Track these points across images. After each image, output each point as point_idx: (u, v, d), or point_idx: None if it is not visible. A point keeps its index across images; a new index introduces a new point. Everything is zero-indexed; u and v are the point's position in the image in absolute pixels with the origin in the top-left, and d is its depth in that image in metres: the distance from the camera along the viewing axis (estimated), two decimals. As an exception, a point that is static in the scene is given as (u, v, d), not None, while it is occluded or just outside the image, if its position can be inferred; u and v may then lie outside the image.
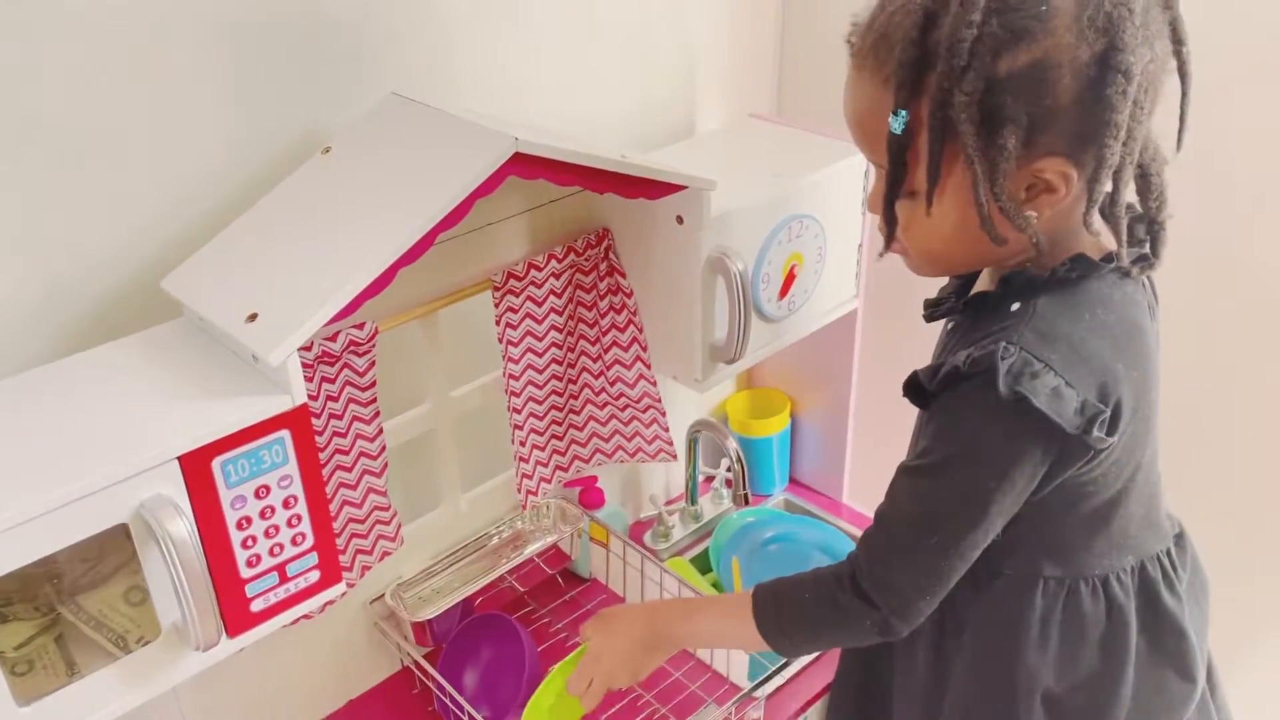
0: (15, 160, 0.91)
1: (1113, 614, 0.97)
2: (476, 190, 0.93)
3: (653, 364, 1.31)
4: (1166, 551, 1.01)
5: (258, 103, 1.04)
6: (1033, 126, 0.79)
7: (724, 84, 1.53)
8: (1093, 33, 0.77)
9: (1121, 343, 0.87)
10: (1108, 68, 0.77)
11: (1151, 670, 0.99)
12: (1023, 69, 0.77)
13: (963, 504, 0.88)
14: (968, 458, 0.88)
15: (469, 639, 1.28)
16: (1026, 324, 0.85)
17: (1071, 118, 0.79)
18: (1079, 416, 0.82)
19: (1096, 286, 0.88)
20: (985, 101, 0.78)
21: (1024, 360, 0.82)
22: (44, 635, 0.90)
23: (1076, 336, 0.85)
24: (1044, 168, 0.81)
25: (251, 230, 0.99)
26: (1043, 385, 0.81)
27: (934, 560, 0.90)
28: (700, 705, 1.23)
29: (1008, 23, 0.76)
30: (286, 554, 0.93)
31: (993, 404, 0.82)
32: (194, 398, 0.87)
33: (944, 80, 0.78)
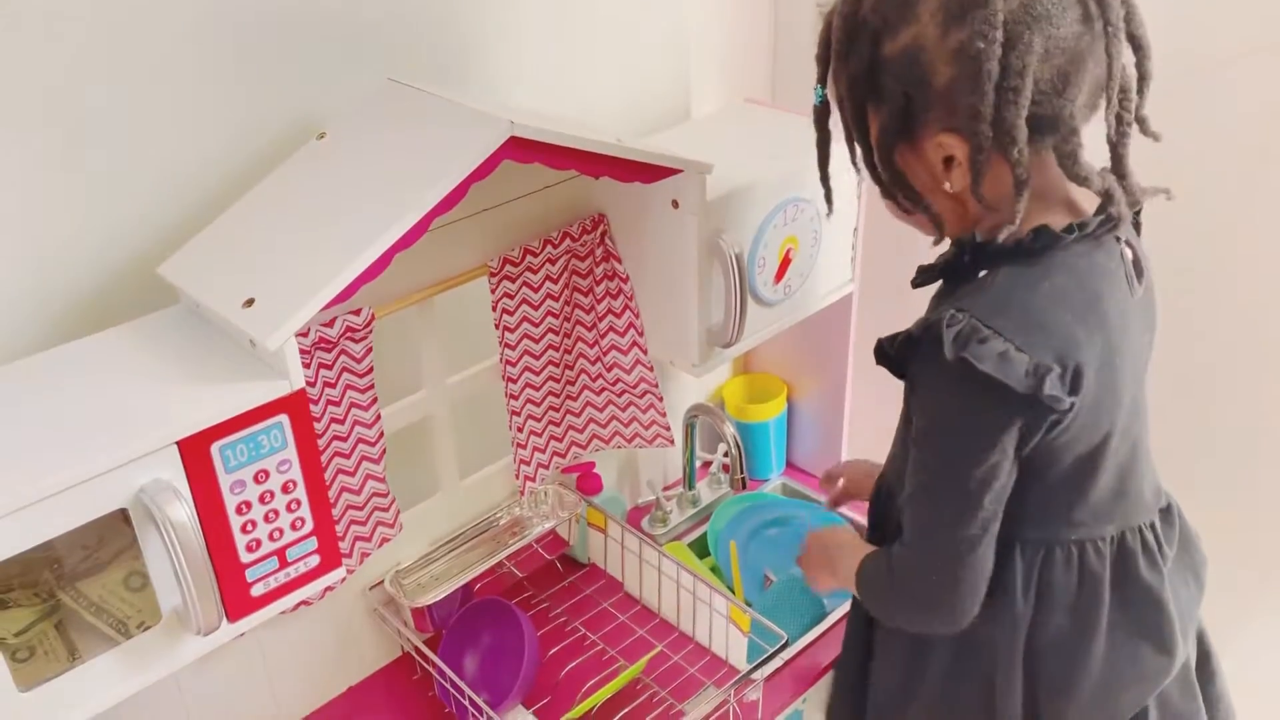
0: (11, 145, 0.91)
1: (1085, 581, 1.00)
2: (472, 174, 0.93)
3: (649, 349, 1.31)
4: (1150, 524, 1.03)
5: (253, 89, 1.04)
6: (915, 105, 0.89)
7: (719, 69, 1.53)
8: (953, 23, 0.85)
9: (1080, 310, 0.91)
10: (965, 55, 0.84)
11: (1125, 640, 1.01)
12: (898, 54, 0.88)
13: (949, 473, 0.93)
14: (939, 428, 0.94)
15: (469, 624, 1.28)
16: (983, 292, 0.91)
17: (946, 99, 0.87)
18: (1029, 378, 0.86)
19: (1061, 256, 0.92)
20: (869, 81, 0.90)
21: (971, 327, 0.87)
22: (44, 622, 0.91)
23: (1034, 304, 0.89)
24: (942, 142, 0.89)
25: (248, 216, 0.99)
26: (989, 350, 0.86)
27: (952, 534, 0.94)
28: (699, 688, 1.24)
29: (882, 13, 0.88)
30: (286, 539, 0.93)
31: (943, 369, 0.88)
32: (192, 383, 0.87)
33: (837, 60, 0.92)
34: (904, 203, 0.96)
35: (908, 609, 1.03)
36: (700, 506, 1.58)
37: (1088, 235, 0.92)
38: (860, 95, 0.92)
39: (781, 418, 1.63)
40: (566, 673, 1.28)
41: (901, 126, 0.90)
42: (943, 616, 0.98)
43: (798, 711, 1.30)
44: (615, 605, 1.39)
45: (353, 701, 1.30)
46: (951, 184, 0.91)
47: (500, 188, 1.17)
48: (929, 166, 0.92)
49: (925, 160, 0.92)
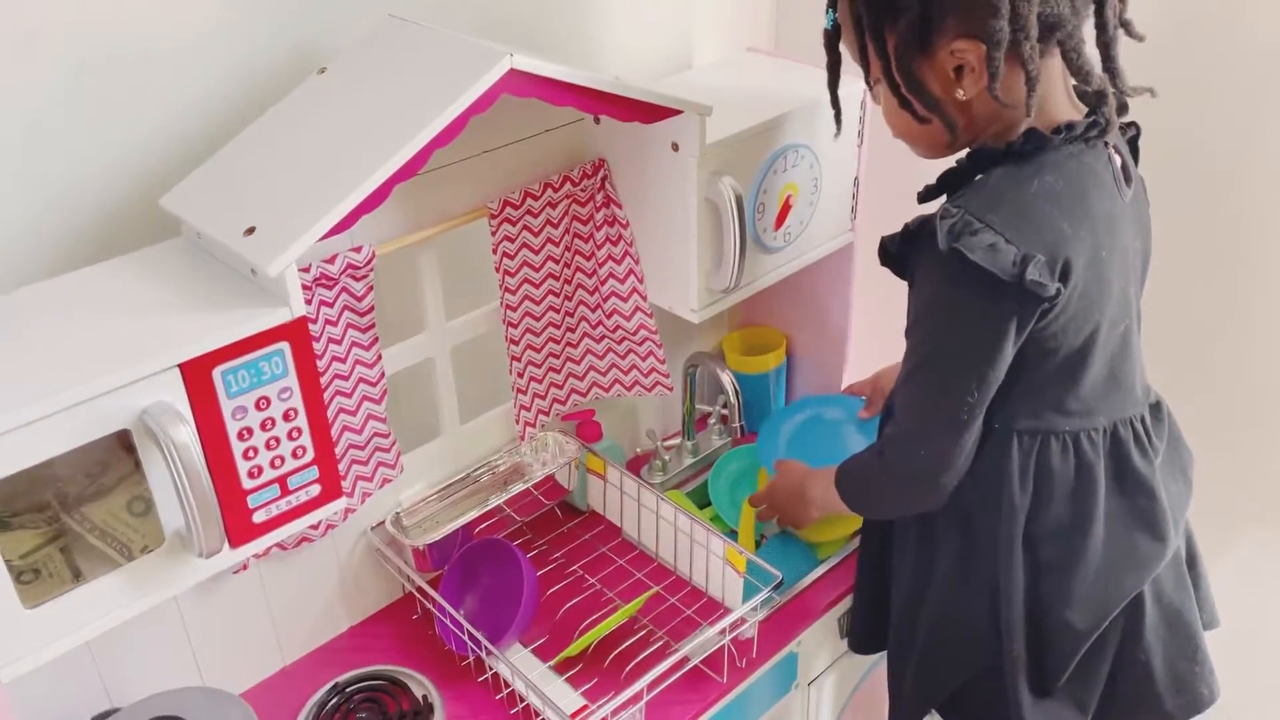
0: (15, 78, 0.92)
1: (1081, 471, 1.05)
2: (471, 107, 0.94)
3: (649, 295, 1.32)
4: (1140, 418, 1.08)
5: (255, 23, 1.04)
6: (929, 14, 0.92)
7: (722, 18, 1.53)
8: None
9: (1068, 206, 0.96)
10: None
11: (1121, 528, 1.06)
12: None
13: (940, 357, 1.00)
14: (931, 314, 1.00)
15: (469, 564, 1.30)
16: (977, 190, 0.96)
17: (962, 3, 0.90)
18: (1015, 267, 0.91)
19: (1051, 157, 0.96)
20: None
21: (964, 221, 0.92)
22: (50, 545, 0.92)
23: (1023, 200, 0.94)
24: (956, 48, 0.92)
25: (249, 148, 1.00)
26: (979, 241, 0.91)
27: (940, 412, 1.00)
28: (696, 628, 1.25)
29: None
30: (288, 466, 0.94)
31: (938, 261, 0.94)
32: (194, 310, 0.89)
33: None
34: (921, 111, 0.98)
35: (892, 486, 1.10)
36: (699, 457, 1.60)
37: (1076, 138, 0.97)
38: (877, 11, 0.95)
39: (781, 369, 1.64)
40: (564, 612, 1.30)
41: (919, 37, 0.94)
42: (925, 490, 1.04)
43: (793, 653, 1.32)
44: (613, 550, 1.41)
45: (354, 639, 1.31)
46: (964, 90, 0.95)
47: (501, 130, 1.18)
48: (941, 76, 0.95)
49: (939, 70, 0.95)
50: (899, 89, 0.97)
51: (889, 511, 1.17)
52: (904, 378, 1.04)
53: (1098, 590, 1.06)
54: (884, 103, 1.02)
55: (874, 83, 1.01)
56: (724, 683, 1.22)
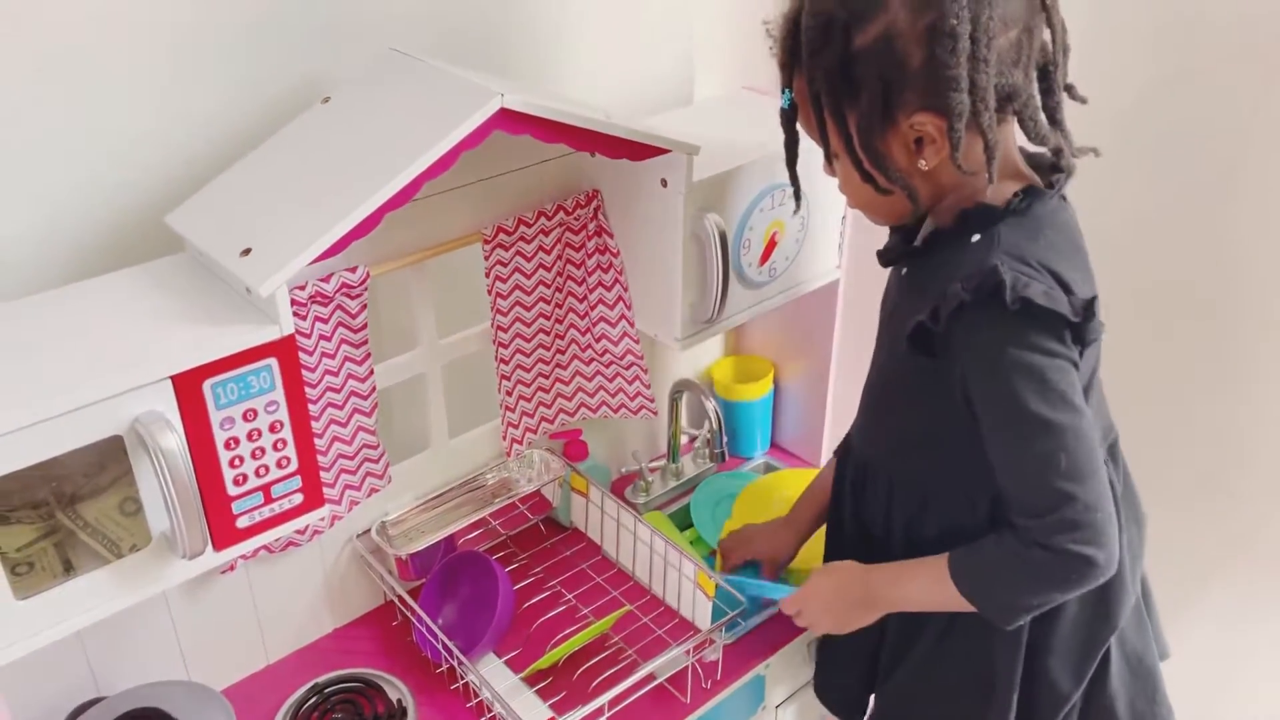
0: (32, 98, 0.98)
1: None
2: (462, 143, 0.98)
3: (636, 322, 1.37)
4: (1104, 460, 1.04)
5: (264, 52, 1.10)
6: (890, 90, 0.93)
7: (723, 57, 1.57)
8: (921, 5, 0.90)
9: (1072, 259, 0.99)
10: (938, 32, 0.89)
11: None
12: (871, 43, 0.92)
13: (1050, 410, 0.92)
14: (1017, 377, 0.93)
15: (448, 575, 1.34)
16: (994, 251, 0.95)
17: (921, 78, 0.92)
18: (1076, 309, 0.92)
19: (1043, 212, 0.99)
20: (844, 73, 0.94)
21: (1015, 274, 0.92)
22: (45, 540, 0.97)
23: (1038, 255, 0.96)
24: (915, 122, 0.94)
25: (251, 172, 1.05)
26: (1037, 289, 0.91)
27: (1076, 480, 0.93)
28: (665, 648, 1.29)
29: (850, 8, 0.92)
30: (272, 475, 0.99)
31: (1008, 319, 0.92)
32: (189, 324, 0.94)
33: (808, 59, 0.95)
34: (884, 184, 0.99)
35: (1061, 569, 0.95)
36: (682, 479, 1.64)
37: (1060, 193, 1.00)
38: (837, 89, 0.96)
39: (768, 398, 1.68)
40: (539, 625, 1.34)
41: (880, 112, 0.95)
42: (1099, 551, 0.94)
43: (760, 676, 1.35)
44: (593, 567, 1.45)
45: (336, 642, 1.36)
46: (926, 161, 0.96)
47: (498, 159, 1.23)
48: (902, 148, 0.96)
49: (900, 142, 0.96)
50: (861, 164, 0.98)
51: (1050, 603, 1.01)
52: (1025, 459, 0.95)
53: (1076, 646, 1.07)
54: (842, 175, 1.03)
55: (833, 157, 1.02)
56: (688, 702, 1.25)
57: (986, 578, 1.01)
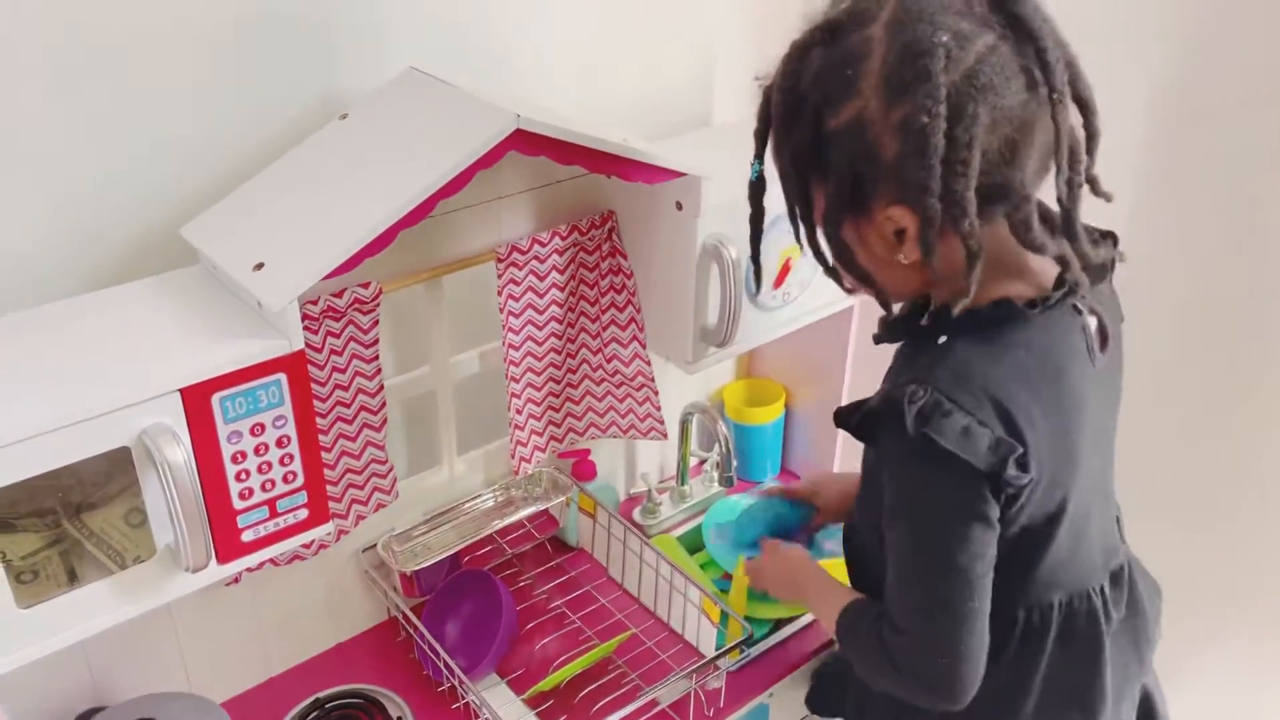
0: (53, 109, 0.99)
1: (1027, 642, 1.00)
2: (477, 163, 0.99)
3: (648, 344, 1.36)
4: (1099, 589, 1.02)
5: (284, 69, 1.11)
6: (864, 179, 0.86)
7: (743, 80, 1.57)
8: (895, 97, 0.82)
9: (1040, 387, 0.90)
10: (910, 129, 0.81)
11: (1054, 701, 1.01)
12: (844, 126, 0.85)
13: (932, 552, 0.91)
14: (912, 507, 0.92)
15: (452, 593, 1.34)
16: (942, 364, 0.89)
17: (895, 172, 0.84)
18: (991, 455, 0.86)
19: (1022, 330, 0.91)
20: (814, 155, 0.88)
21: (934, 401, 0.86)
22: (50, 549, 0.97)
23: (992, 378, 0.88)
24: (892, 215, 0.87)
25: (267, 186, 1.06)
26: (951, 425, 0.85)
27: (937, 624, 0.91)
28: (668, 673, 1.28)
29: (822, 86, 0.85)
30: (278, 490, 0.99)
31: (906, 446, 0.87)
32: (200, 337, 0.94)
33: (778, 136, 0.90)
34: (847, 281, 0.95)
35: (909, 689, 0.97)
36: (691, 502, 1.63)
37: (1050, 308, 0.91)
38: (805, 170, 0.90)
39: (779, 422, 1.67)
40: (542, 647, 1.33)
41: (850, 199, 0.88)
42: (946, 695, 0.93)
43: (764, 705, 1.34)
44: (598, 589, 1.44)
45: (339, 657, 1.36)
46: (905, 255, 0.88)
47: (514, 179, 1.23)
48: (882, 237, 0.89)
49: (878, 231, 0.89)
50: (821, 257, 0.93)
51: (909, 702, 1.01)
52: (895, 575, 0.94)
53: None
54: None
55: (801, 243, 0.96)
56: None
57: (854, 645, 1.03)
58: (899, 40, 0.82)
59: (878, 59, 0.82)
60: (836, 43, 0.85)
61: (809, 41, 0.86)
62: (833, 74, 0.84)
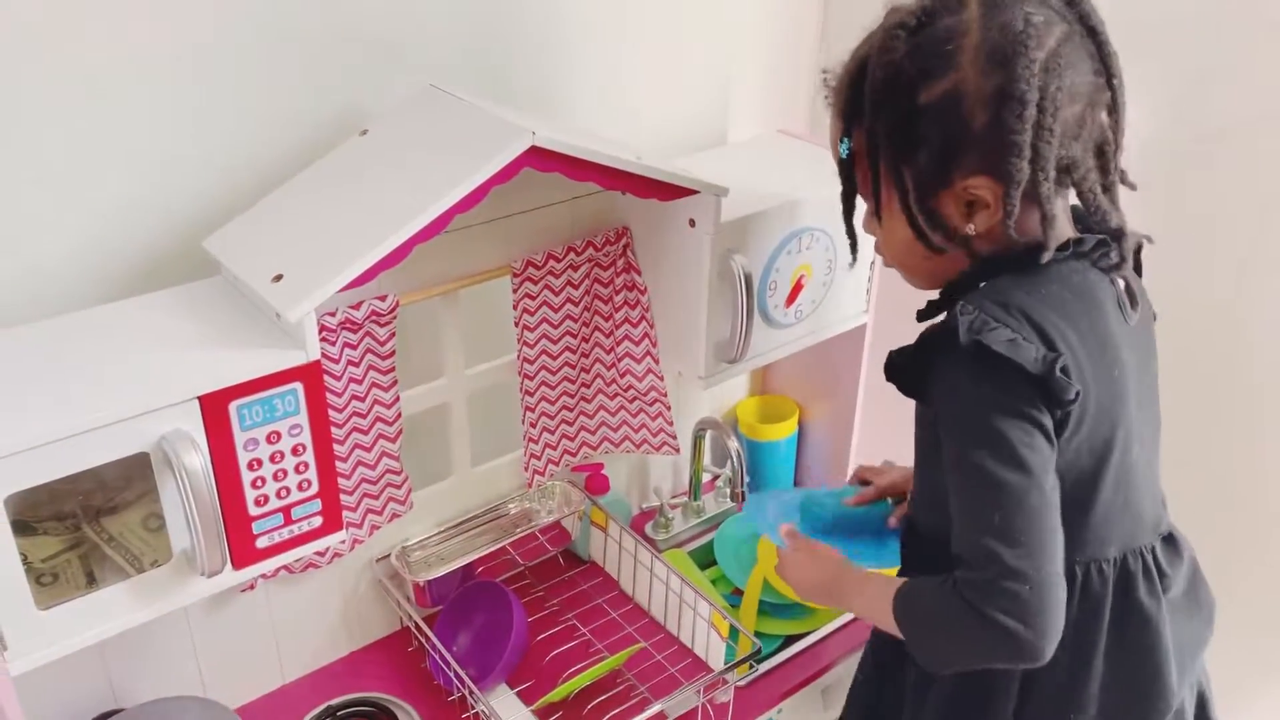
0: (81, 123, 1.02)
1: (1086, 604, 1.00)
2: (492, 179, 1.01)
3: (661, 359, 1.38)
4: (1150, 548, 1.03)
5: (306, 86, 1.13)
6: (950, 149, 0.92)
7: (760, 100, 1.59)
8: (992, 67, 0.89)
9: (1075, 316, 0.95)
10: (1005, 96, 0.89)
11: (1120, 666, 1.01)
12: (937, 99, 0.91)
13: (1000, 477, 0.89)
14: (974, 430, 0.91)
15: (464, 603, 1.35)
16: (982, 294, 0.95)
17: (984, 140, 0.91)
18: (1039, 363, 0.89)
19: (1056, 269, 0.96)
20: (908, 126, 0.93)
21: (981, 318, 0.91)
22: (70, 552, 1.00)
23: (1032, 306, 0.93)
24: (970, 185, 0.93)
25: (288, 200, 1.08)
26: (999, 335, 0.89)
27: (1018, 542, 0.89)
28: (677, 686, 1.29)
29: (920, 60, 0.92)
30: (292, 498, 1.01)
31: (962, 362, 0.91)
32: (219, 346, 0.96)
33: (871, 111, 0.94)
34: (938, 243, 0.97)
35: (990, 638, 0.90)
36: (704, 517, 1.64)
37: (1083, 255, 0.97)
38: (898, 143, 0.94)
39: (792, 439, 1.68)
40: (552, 658, 1.34)
41: (937, 171, 0.93)
42: (1033, 632, 0.89)
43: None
44: (609, 602, 1.45)
45: (352, 665, 1.37)
46: (976, 225, 0.94)
47: (531, 194, 1.25)
48: (955, 209, 0.95)
49: (953, 204, 0.95)
50: (915, 221, 0.96)
51: (972, 665, 0.98)
52: (964, 510, 0.92)
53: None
54: (886, 232, 1.01)
55: (882, 213, 0.99)
56: (698, 743, 1.25)
57: (917, 619, 0.98)
58: (996, 20, 0.90)
59: (975, 35, 0.90)
60: (934, 23, 0.92)
61: (903, 23, 0.93)
62: (933, 49, 0.91)
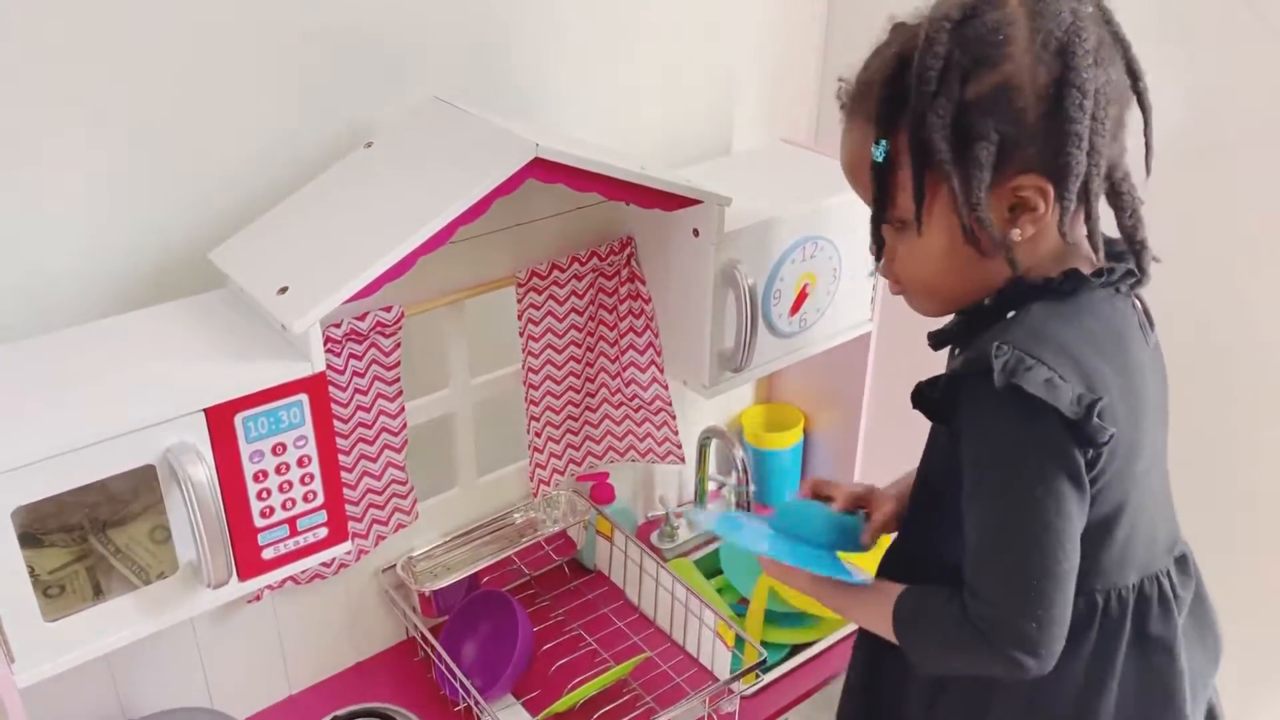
0: (90, 140, 1.02)
1: (1105, 630, 0.99)
2: (496, 190, 1.01)
3: (666, 368, 1.38)
4: (1166, 571, 1.02)
5: (311, 99, 1.14)
6: (1004, 143, 0.87)
7: (764, 109, 1.60)
8: (1048, 55, 0.86)
9: (1108, 351, 0.92)
10: (1065, 85, 0.86)
11: (1135, 691, 1.00)
12: (989, 91, 0.87)
13: (1023, 510, 0.89)
14: (1001, 466, 0.90)
15: (470, 613, 1.35)
16: (1019, 326, 0.91)
17: (1039, 134, 0.87)
18: (1076, 405, 0.86)
19: (1087, 299, 0.93)
20: (958, 122, 0.87)
21: (1017, 357, 0.86)
22: (77, 564, 1.00)
23: (1068, 339, 0.90)
24: (1021, 184, 0.89)
25: (293, 212, 1.08)
26: (1035, 376, 0.85)
27: (1030, 585, 0.89)
28: (683, 696, 1.28)
29: (970, 51, 0.87)
30: (298, 509, 1.01)
31: (995, 401, 0.87)
32: (225, 358, 0.96)
33: (918, 106, 0.88)
34: (987, 247, 0.91)
35: (992, 659, 0.92)
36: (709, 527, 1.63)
37: (1113, 283, 0.95)
38: (948, 141, 0.87)
39: (797, 447, 1.68)
40: (558, 668, 1.34)
41: (988, 168, 0.88)
42: (1034, 659, 0.91)
43: (779, 730, 1.34)
44: (615, 611, 1.45)
45: (358, 675, 1.37)
46: (1022, 230, 0.90)
47: (535, 205, 1.25)
48: (999, 215, 0.90)
49: (999, 206, 0.90)
50: (965, 225, 0.90)
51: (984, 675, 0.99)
52: (981, 544, 0.92)
53: None
54: (923, 244, 0.94)
55: (924, 219, 0.92)
56: (704, 753, 1.25)
57: (922, 628, 0.98)
58: (1045, 11, 0.87)
59: (1026, 28, 0.86)
60: (980, 16, 0.88)
61: (951, 15, 0.88)
62: (982, 40, 0.87)
